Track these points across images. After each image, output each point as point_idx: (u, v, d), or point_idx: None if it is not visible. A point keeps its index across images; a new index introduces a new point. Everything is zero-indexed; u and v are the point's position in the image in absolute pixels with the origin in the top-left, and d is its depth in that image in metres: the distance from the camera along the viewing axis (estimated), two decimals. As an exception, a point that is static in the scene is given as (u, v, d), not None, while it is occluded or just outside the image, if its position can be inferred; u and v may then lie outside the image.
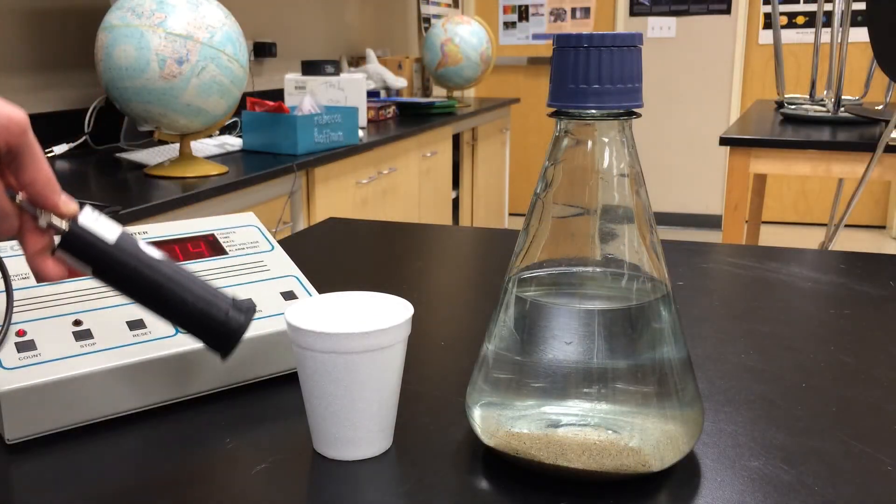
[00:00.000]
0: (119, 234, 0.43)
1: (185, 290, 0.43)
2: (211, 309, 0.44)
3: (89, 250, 0.42)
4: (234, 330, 0.44)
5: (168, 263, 0.44)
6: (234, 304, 0.44)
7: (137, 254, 0.43)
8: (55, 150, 1.94)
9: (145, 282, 0.43)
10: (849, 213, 1.82)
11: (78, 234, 0.42)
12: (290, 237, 1.02)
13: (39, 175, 0.41)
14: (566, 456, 0.43)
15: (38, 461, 0.48)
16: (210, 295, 0.44)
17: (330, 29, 3.30)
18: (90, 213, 0.43)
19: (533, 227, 0.46)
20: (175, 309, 0.43)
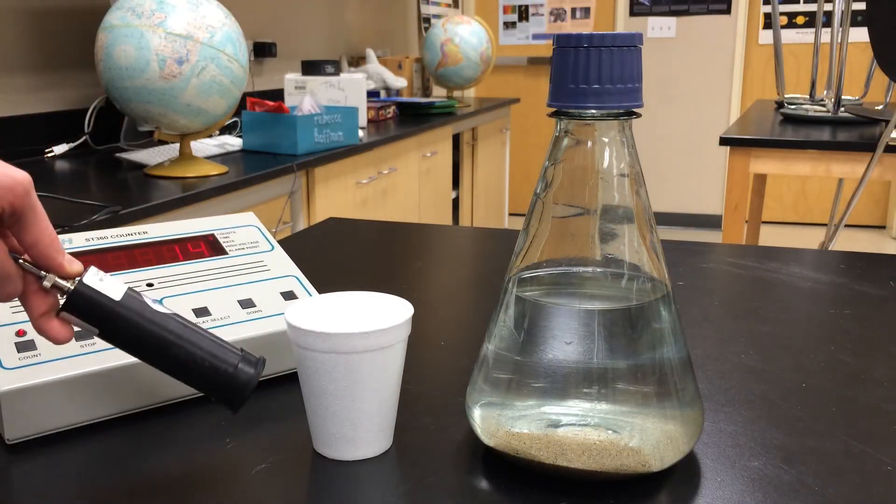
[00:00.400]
0: (124, 292, 0.42)
1: (194, 347, 0.43)
2: (219, 364, 0.43)
3: (95, 310, 0.42)
4: (242, 384, 0.43)
5: (175, 319, 0.43)
6: (244, 358, 0.44)
7: (143, 311, 0.42)
8: (55, 150, 1.94)
9: (153, 340, 0.42)
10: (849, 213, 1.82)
11: (83, 294, 0.41)
12: (290, 237, 1.02)
13: (43, 236, 0.40)
14: (566, 456, 0.43)
15: (38, 461, 0.48)
16: (218, 350, 0.44)
17: (330, 29, 3.30)
18: (94, 273, 0.42)
19: (533, 227, 0.46)
20: (183, 366, 0.43)
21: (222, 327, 0.56)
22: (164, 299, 0.57)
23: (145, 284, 0.58)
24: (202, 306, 0.57)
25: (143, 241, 0.61)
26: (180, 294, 0.58)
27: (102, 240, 0.60)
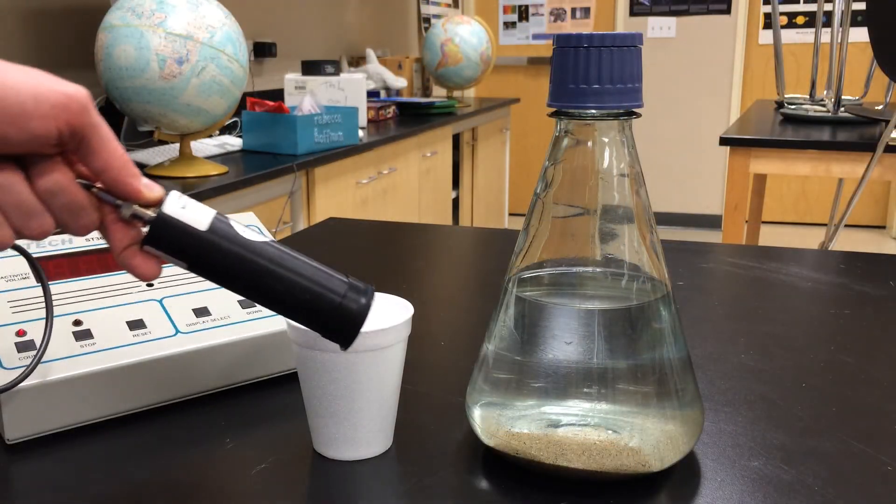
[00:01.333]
0: (212, 218, 0.38)
1: (294, 276, 0.38)
2: (324, 294, 0.38)
3: (180, 242, 0.37)
4: (352, 317, 0.39)
5: (271, 246, 0.39)
6: (351, 286, 0.39)
7: (234, 240, 0.38)
8: (55, 150, 1.94)
9: (246, 271, 0.38)
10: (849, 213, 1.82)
11: (164, 225, 0.37)
12: (290, 237, 1.02)
13: (112, 159, 0.36)
14: (566, 456, 0.43)
15: (38, 461, 0.48)
16: (323, 278, 0.39)
17: (330, 29, 3.30)
18: (176, 200, 0.38)
19: (533, 227, 0.46)
20: (283, 299, 0.38)
21: (222, 327, 0.56)
22: (165, 299, 0.57)
23: (145, 284, 0.58)
24: (202, 306, 0.57)
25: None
26: (180, 294, 0.58)
27: (102, 240, 0.60)
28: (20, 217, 0.35)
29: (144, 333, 0.54)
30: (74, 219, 0.36)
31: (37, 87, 0.34)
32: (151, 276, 0.38)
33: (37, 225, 0.35)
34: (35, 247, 0.58)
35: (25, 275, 0.55)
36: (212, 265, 0.38)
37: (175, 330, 0.55)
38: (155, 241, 0.37)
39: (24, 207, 0.35)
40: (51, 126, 0.34)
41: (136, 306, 0.56)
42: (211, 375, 0.55)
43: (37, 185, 0.35)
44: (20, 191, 0.35)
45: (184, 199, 0.38)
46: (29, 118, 0.33)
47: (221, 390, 0.56)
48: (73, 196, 0.36)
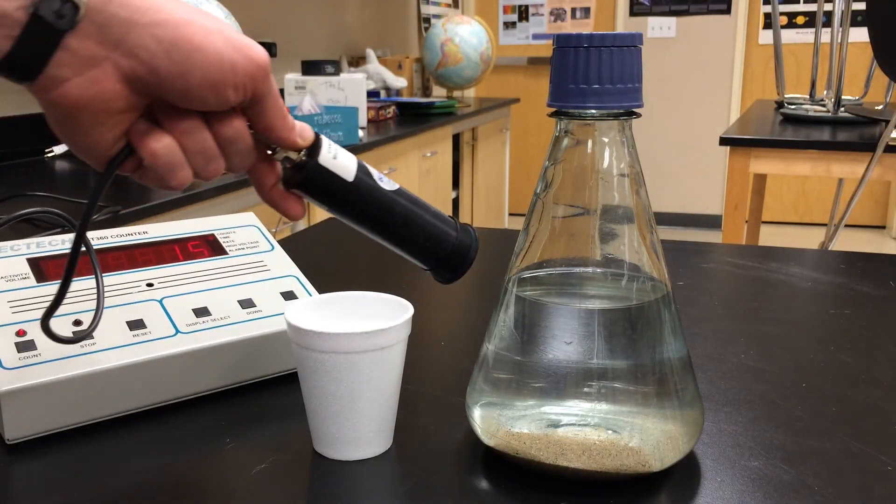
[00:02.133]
0: (356, 169, 0.42)
1: (417, 226, 0.43)
2: (442, 239, 0.43)
3: (329, 190, 0.41)
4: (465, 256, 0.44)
5: (401, 197, 0.43)
6: (457, 227, 0.44)
7: (374, 190, 0.42)
8: (55, 150, 1.94)
9: (379, 219, 0.42)
10: (849, 213, 1.82)
11: (319, 174, 0.41)
12: (290, 237, 1.02)
13: (277, 119, 0.40)
14: (566, 456, 0.43)
15: (38, 461, 0.48)
16: (440, 224, 0.44)
17: (330, 29, 3.30)
18: (328, 148, 0.41)
19: (533, 227, 0.46)
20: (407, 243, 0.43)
21: (222, 327, 0.56)
22: (165, 299, 0.57)
23: (145, 284, 0.58)
24: (202, 306, 0.57)
25: (143, 241, 0.61)
26: (180, 294, 0.58)
27: (102, 240, 0.60)
28: (202, 160, 0.39)
29: (144, 333, 0.54)
30: (243, 161, 0.40)
31: (232, 53, 0.37)
32: (299, 215, 0.43)
33: (213, 167, 0.39)
34: (35, 247, 0.58)
35: (25, 275, 0.55)
36: (349, 212, 0.42)
37: (175, 330, 0.55)
38: (307, 187, 0.41)
39: (207, 152, 0.39)
40: (241, 92, 0.38)
41: (136, 306, 0.56)
42: (211, 375, 0.55)
43: (219, 133, 0.39)
44: (205, 137, 0.38)
45: (333, 147, 0.42)
46: (225, 86, 0.37)
47: (221, 390, 0.56)
48: (248, 142, 0.40)
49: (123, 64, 0.36)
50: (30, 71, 0.35)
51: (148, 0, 0.36)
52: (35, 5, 0.34)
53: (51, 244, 0.58)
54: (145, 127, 0.38)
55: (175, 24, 0.36)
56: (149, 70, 0.36)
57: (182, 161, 0.38)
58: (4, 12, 0.33)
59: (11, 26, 0.34)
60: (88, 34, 0.35)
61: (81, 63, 0.35)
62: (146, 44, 0.35)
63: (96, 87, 0.36)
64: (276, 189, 0.42)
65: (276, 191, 0.42)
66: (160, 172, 0.38)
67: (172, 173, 0.38)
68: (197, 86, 0.36)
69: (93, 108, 0.36)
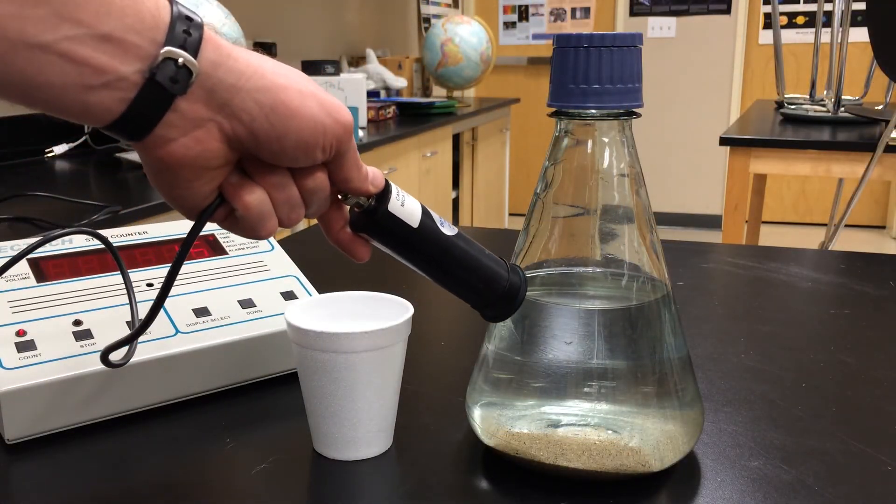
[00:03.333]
0: (420, 216, 0.43)
1: (476, 263, 0.44)
2: (496, 280, 0.44)
3: (395, 235, 0.42)
4: (515, 298, 0.44)
5: (461, 239, 0.44)
6: (509, 269, 0.45)
7: (436, 239, 0.43)
8: (55, 150, 1.94)
9: (441, 260, 0.43)
10: (849, 213, 1.82)
11: (386, 220, 0.42)
12: (290, 237, 1.02)
13: (355, 172, 0.41)
14: (566, 456, 0.43)
15: (38, 461, 0.48)
16: (494, 264, 0.44)
17: (330, 29, 3.30)
18: (396, 195, 0.43)
19: (533, 227, 0.46)
20: (462, 284, 0.44)
21: (222, 327, 0.56)
22: (164, 299, 0.57)
23: (145, 284, 0.58)
24: (202, 306, 0.57)
25: (143, 241, 0.61)
26: (180, 294, 0.58)
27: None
28: (287, 210, 0.41)
29: (145, 333, 0.54)
30: (320, 208, 0.42)
31: (324, 117, 0.39)
32: (365, 257, 0.44)
33: (296, 216, 0.41)
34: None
35: (25, 275, 0.55)
36: (411, 257, 0.43)
37: (175, 330, 0.55)
38: (374, 231, 0.43)
39: (292, 203, 0.41)
40: (327, 152, 0.40)
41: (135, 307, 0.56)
42: (211, 375, 0.55)
43: (303, 185, 0.41)
44: (291, 189, 0.40)
45: (401, 194, 0.43)
46: (316, 147, 0.39)
47: (221, 390, 0.56)
48: (328, 192, 0.42)
49: (226, 126, 0.37)
50: (140, 131, 0.36)
51: (252, 65, 0.37)
52: (152, 70, 0.34)
53: (51, 244, 0.58)
54: (238, 180, 0.40)
55: (276, 89, 0.38)
56: (249, 132, 0.37)
57: (271, 212, 0.40)
58: (122, 76, 0.34)
59: (128, 89, 0.34)
60: (198, 98, 0.36)
61: (189, 124, 0.36)
62: (249, 108, 0.37)
63: (200, 147, 0.37)
64: (344, 231, 0.44)
65: (345, 233, 0.44)
66: (252, 222, 0.40)
67: (262, 223, 0.40)
68: (291, 147, 0.38)
69: (195, 165, 0.37)
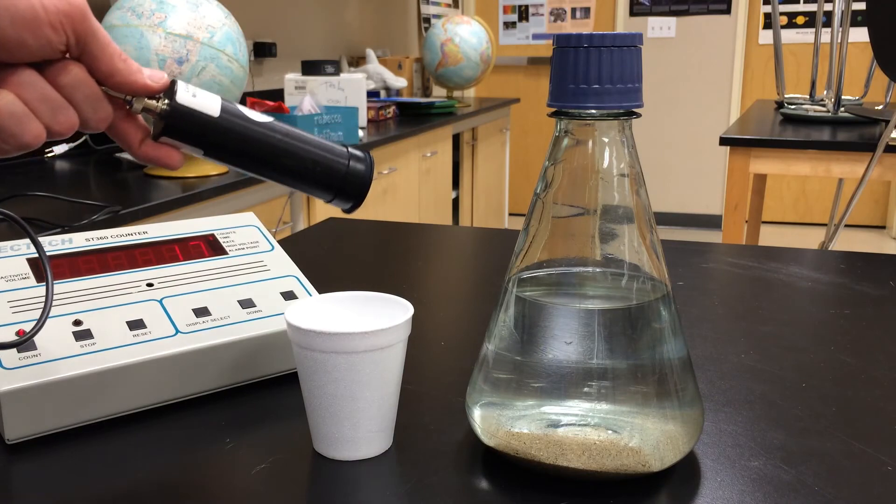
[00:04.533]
0: (220, 103, 0.40)
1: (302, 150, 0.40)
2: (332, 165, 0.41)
3: (198, 129, 0.39)
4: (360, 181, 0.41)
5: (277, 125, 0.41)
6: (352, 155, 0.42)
7: (245, 122, 0.40)
8: (55, 150, 1.94)
9: (260, 150, 0.40)
10: (849, 213, 1.82)
11: (182, 114, 0.38)
12: (290, 237, 1.02)
13: (113, 61, 0.38)
14: (566, 456, 0.43)
15: (38, 461, 0.48)
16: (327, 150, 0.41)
17: (330, 29, 3.30)
18: (185, 89, 0.39)
19: (533, 227, 0.46)
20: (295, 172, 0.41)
21: (222, 327, 0.56)
22: (165, 299, 0.57)
23: (145, 284, 0.58)
24: (202, 306, 0.57)
25: (143, 241, 0.61)
26: (180, 294, 0.58)
27: (102, 240, 0.60)
28: (48, 111, 0.38)
29: (144, 333, 0.54)
30: (95, 111, 0.39)
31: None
32: (177, 163, 0.41)
33: (64, 118, 0.38)
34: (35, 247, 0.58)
35: (25, 275, 0.55)
36: (228, 149, 0.40)
37: (175, 330, 0.55)
38: (173, 132, 0.39)
39: (51, 101, 0.38)
40: (60, 31, 0.37)
41: (136, 306, 0.56)
42: (211, 375, 0.55)
43: (58, 82, 0.38)
44: (43, 86, 0.37)
45: (191, 87, 0.40)
46: (41, 24, 0.36)
47: (221, 390, 0.56)
48: (92, 87, 0.38)
49: None
50: None
51: None
52: None
53: (51, 244, 0.58)
54: None
55: None
56: None
57: (27, 113, 0.37)
58: None
59: None
60: None
61: None
62: None
63: None
64: (146, 144, 0.41)
65: (147, 145, 0.41)
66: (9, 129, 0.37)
67: (21, 127, 0.37)
68: (9, 27, 0.35)
69: None
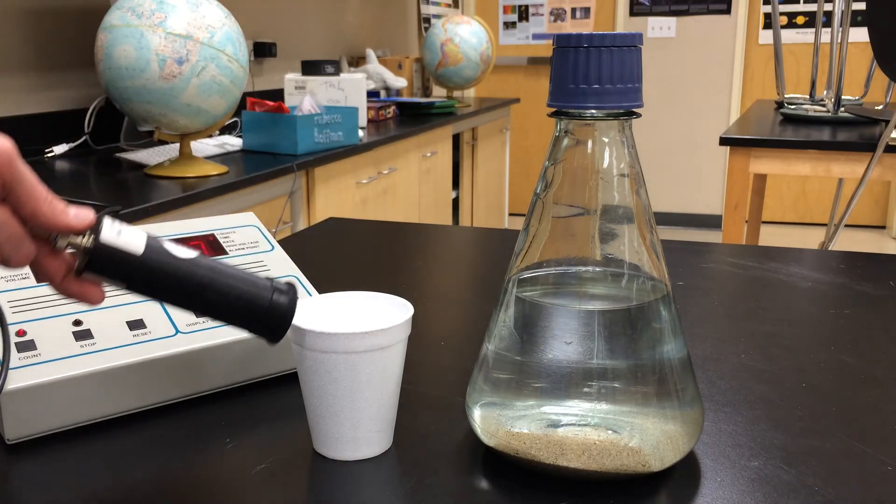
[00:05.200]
0: (146, 241, 0.40)
1: (225, 286, 0.41)
2: (254, 300, 0.41)
3: (120, 267, 0.39)
4: (281, 315, 0.42)
5: (201, 261, 0.41)
6: (276, 289, 0.42)
7: (170, 260, 0.40)
8: (55, 150, 1.94)
9: (183, 286, 0.40)
10: (849, 213, 1.82)
11: (104, 253, 0.39)
12: (290, 237, 1.02)
13: (39, 203, 0.38)
14: (566, 456, 0.43)
15: (38, 461, 0.48)
16: (250, 285, 0.42)
17: (330, 29, 3.30)
18: (111, 226, 0.39)
19: (533, 227, 0.46)
20: (218, 307, 0.41)
21: (222, 327, 0.56)
22: (164, 299, 0.57)
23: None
24: (202, 306, 0.57)
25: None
26: (180, 294, 0.58)
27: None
28: None
29: (144, 333, 0.54)
30: (16, 250, 0.38)
31: None
32: (99, 299, 0.41)
33: None
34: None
35: (25, 275, 0.55)
36: (149, 285, 0.40)
37: (175, 330, 0.55)
38: (96, 269, 0.39)
39: None
40: None
41: (136, 306, 0.56)
42: (211, 375, 0.55)
43: None
44: None
45: (116, 224, 0.40)
46: None
47: (221, 390, 0.56)
48: (13, 228, 0.37)
49: None
50: None
51: None
52: None
53: (51, 244, 0.58)
54: None
55: None
56: None
57: None
58: None
59: None
60: None
61: None
62: None
63: None
64: (68, 279, 0.40)
65: (69, 281, 0.40)
66: None
67: None
68: None
69: None
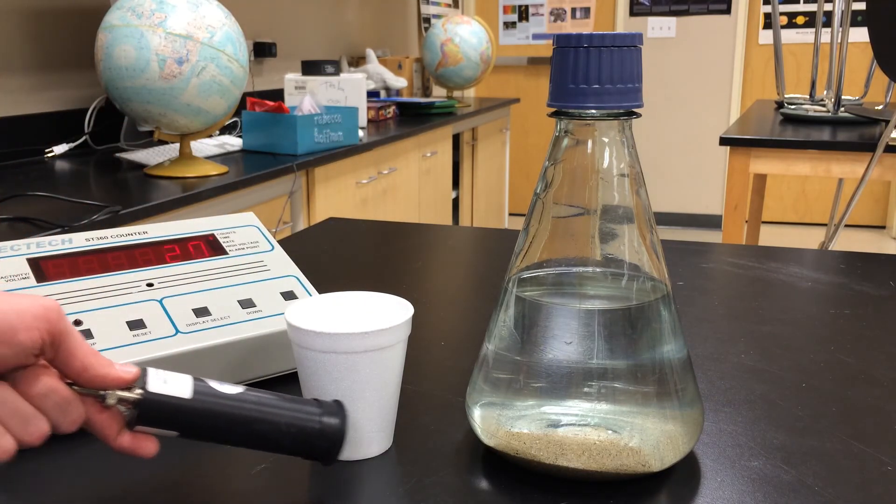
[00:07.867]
0: (192, 385, 0.40)
1: (275, 417, 0.41)
2: (305, 426, 0.42)
3: (171, 415, 0.39)
4: (333, 436, 0.42)
5: (248, 395, 0.41)
6: (324, 411, 0.43)
7: (218, 399, 0.40)
8: (55, 150, 1.94)
9: (236, 426, 0.40)
10: (849, 213, 1.82)
11: (154, 403, 0.39)
12: (290, 237, 1.02)
13: (87, 357, 0.38)
14: (566, 456, 0.43)
15: (38, 461, 0.48)
16: (298, 412, 0.42)
17: (330, 29, 3.30)
18: (156, 376, 0.40)
19: (533, 227, 0.46)
20: (270, 438, 0.41)
21: (222, 327, 0.56)
22: (165, 299, 0.57)
23: (145, 284, 0.58)
24: (202, 306, 0.57)
25: (143, 241, 0.61)
26: (180, 294, 0.58)
27: (102, 240, 0.60)
28: (19, 424, 0.36)
29: (144, 333, 0.54)
30: (65, 415, 0.38)
31: (17, 303, 0.36)
32: (153, 452, 0.41)
33: (35, 429, 0.37)
34: (35, 247, 0.58)
35: (25, 275, 0.55)
36: (202, 428, 0.40)
37: (175, 330, 0.55)
38: (148, 421, 0.39)
39: (21, 414, 0.36)
40: (35, 336, 0.36)
41: (136, 306, 0.56)
42: (211, 375, 0.55)
43: (30, 392, 0.37)
44: (14, 400, 0.36)
45: (161, 373, 0.40)
46: (16, 332, 0.35)
47: (221, 390, 0.56)
48: (63, 393, 0.38)
49: None
50: None
51: None
52: None
53: (51, 244, 0.58)
54: None
55: None
56: None
57: None
58: None
59: None
60: None
61: None
62: None
63: None
64: (123, 435, 0.40)
65: (125, 437, 0.40)
66: None
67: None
68: None
69: None
